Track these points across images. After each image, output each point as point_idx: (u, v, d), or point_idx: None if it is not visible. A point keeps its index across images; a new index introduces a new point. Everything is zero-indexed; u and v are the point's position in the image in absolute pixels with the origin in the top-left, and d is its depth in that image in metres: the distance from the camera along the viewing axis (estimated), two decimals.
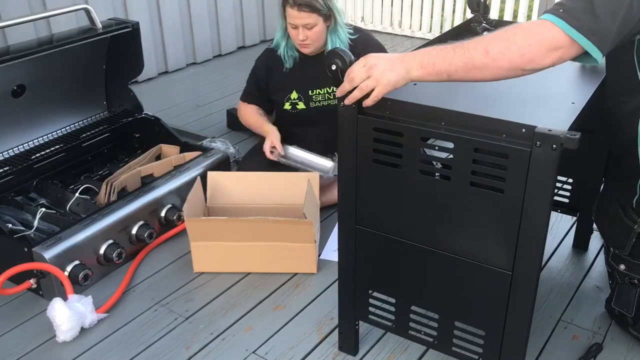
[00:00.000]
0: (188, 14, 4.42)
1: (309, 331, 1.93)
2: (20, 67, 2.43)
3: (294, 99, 2.52)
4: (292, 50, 2.48)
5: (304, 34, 2.32)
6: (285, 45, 2.47)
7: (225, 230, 2.11)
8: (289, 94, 2.52)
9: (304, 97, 2.51)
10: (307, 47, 2.38)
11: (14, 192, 2.45)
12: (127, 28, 2.66)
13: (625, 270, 1.76)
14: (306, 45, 2.37)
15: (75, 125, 2.79)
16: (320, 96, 2.51)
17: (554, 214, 2.26)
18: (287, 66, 2.48)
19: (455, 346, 1.56)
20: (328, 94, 2.49)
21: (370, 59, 1.36)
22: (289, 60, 2.48)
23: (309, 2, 2.26)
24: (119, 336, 1.92)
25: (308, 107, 2.53)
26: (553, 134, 1.20)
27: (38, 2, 3.55)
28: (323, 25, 2.34)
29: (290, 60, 2.47)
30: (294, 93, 2.51)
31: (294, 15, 2.29)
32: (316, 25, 2.30)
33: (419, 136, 1.38)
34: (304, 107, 2.53)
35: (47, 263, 1.96)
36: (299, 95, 2.51)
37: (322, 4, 2.28)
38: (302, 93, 2.51)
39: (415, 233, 1.49)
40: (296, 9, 2.27)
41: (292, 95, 2.51)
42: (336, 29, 2.39)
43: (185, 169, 2.51)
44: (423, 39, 5.01)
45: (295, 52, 2.48)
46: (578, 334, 1.89)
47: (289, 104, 2.53)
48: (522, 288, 1.37)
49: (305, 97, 2.52)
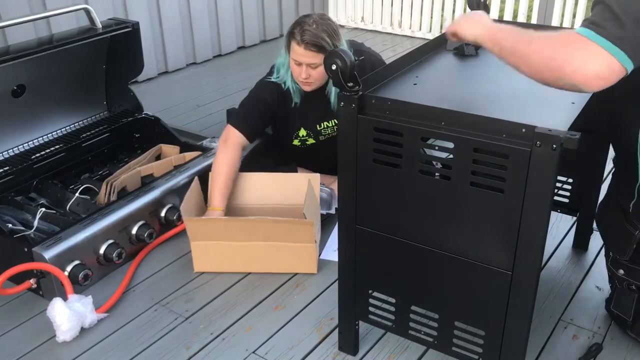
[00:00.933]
0: (188, 14, 4.42)
1: (309, 331, 1.93)
2: (20, 67, 2.43)
3: (303, 136, 2.44)
4: (296, 83, 2.34)
5: (307, 73, 2.22)
6: (291, 80, 2.33)
7: (225, 229, 2.11)
8: (297, 132, 2.43)
9: (312, 132, 2.44)
10: (309, 85, 2.29)
11: (14, 192, 2.45)
12: (127, 28, 2.66)
13: (624, 275, 1.76)
14: (308, 83, 2.27)
15: (75, 125, 2.79)
16: (329, 129, 2.45)
17: (554, 214, 2.26)
18: (295, 100, 2.35)
19: (455, 346, 1.56)
20: (336, 125, 2.40)
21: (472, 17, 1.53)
22: (296, 94, 2.34)
23: (317, 42, 2.15)
24: (119, 336, 1.92)
25: (317, 140, 2.46)
26: (553, 134, 1.20)
27: (38, 2, 3.55)
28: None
29: (297, 95, 2.35)
30: (302, 130, 2.43)
31: (300, 52, 2.18)
32: (321, 65, 2.13)
33: (419, 136, 1.38)
34: (313, 141, 2.46)
35: (47, 263, 1.96)
36: (307, 132, 2.44)
37: (330, 45, 2.16)
38: (310, 129, 2.43)
39: (415, 233, 1.49)
40: (303, 47, 2.17)
41: (300, 132, 2.43)
42: None
43: (185, 169, 2.51)
44: (423, 39, 5.01)
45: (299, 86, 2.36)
46: (578, 334, 1.89)
47: (298, 141, 2.46)
48: (522, 288, 1.37)
49: (315, 133, 2.44)
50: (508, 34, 1.35)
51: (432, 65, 1.77)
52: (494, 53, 1.38)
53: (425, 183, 1.42)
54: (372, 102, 1.43)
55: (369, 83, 1.55)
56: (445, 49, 1.88)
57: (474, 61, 1.80)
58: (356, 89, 1.43)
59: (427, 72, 1.72)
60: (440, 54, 1.85)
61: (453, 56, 1.84)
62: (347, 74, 1.40)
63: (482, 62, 1.80)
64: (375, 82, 1.59)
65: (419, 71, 1.72)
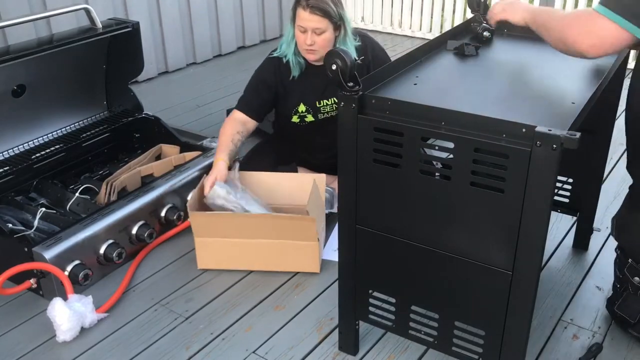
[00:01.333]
0: (188, 14, 4.42)
1: (309, 331, 1.93)
2: (20, 67, 2.43)
3: (302, 112, 2.45)
4: (299, 56, 2.39)
5: (312, 39, 2.26)
6: (292, 53, 2.38)
7: (228, 225, 2.11)
8: (297, 107, 2.45)
9: (312, 109, 2.45)
10: (313, 53, 2.31)
11: (14, 192, 2.45)
12: (127, 28, 2.66)
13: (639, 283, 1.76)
14: (312, 51, 2.30)
15: (75, 125, 2.79)
16: (328, 107, 2.46)
17: (554, 214, 2.26)
18: (294, 74, 2.39)
19: (455, 346, 1.56)
20: (336, 104, 2.42)
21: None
22: (295, 67, 2.39)
23: (323, 7, 2.22)
24: (119, 336, 1.92)
25: (317, 119, 2.47)
26: (553, 134, 1.20)
27: (38, 2, 3.55)
28: (332, 33, 2.28)
29: (297, 68, 2.39)
30: (301, 106, 2.44)
31: (305, 17, 2.23)
32: (325, 31, 2.25)
33: (419, 136, 1.38)
34: (312, 119, 2.47)
35: (47, 263, 1.96)
36: (307, 108, 2.44)
37: (334, 11, 2.24)
38: (310, 105, 2.44)
39: (415, 233, 1.49)
40: (308, 11, 2.22)
41: (300, 107, 2.44)
42: (345, 40, 2.34)
43: (185, 169, 2.51)
44: (423, 39, 5.01)
45: (302, 59, 2.40)
46: (578, 334, 1.89)
47: (297, 117, 2.47)
48: (522, 288, 1.37)
49: (314, 109, 2.45)
50: (543, 13, 1.64)
51: (432, 65, 1.77)
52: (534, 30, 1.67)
53: (426, 183, 1.42)
54: (372, 102, 1.43)
55: (369, 83, 1.55)
56: (445, 49, 1.88)
57: (474, 61, 1.80)
58: (356, 88, 1.43)
59: (427, 72, 1.72)
60: (440, 54, 1.85)
61: (453, 56, 1.84)
62: (347, 74, 1.40)
63: (482, 62, 1.80)
64: (375, 82, 1.59)
65: (419, 71, 1.72)
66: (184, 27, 4.41)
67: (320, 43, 2.27)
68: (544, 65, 1.74)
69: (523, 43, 1.92)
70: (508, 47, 1.93)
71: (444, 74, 1.74)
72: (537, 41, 1.69)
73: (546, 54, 1.75)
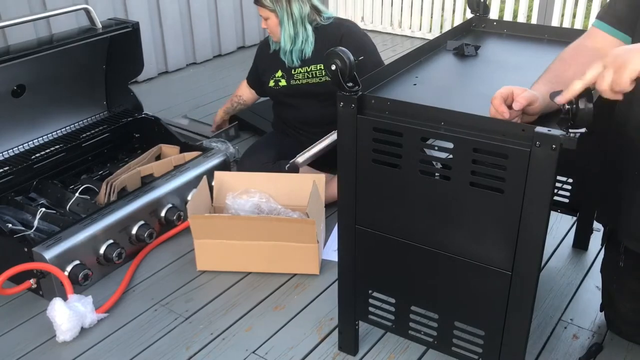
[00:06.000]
0: (188, 14, 4.42)
1: (309, 331, 1.93)
2: (20, 67, 2.43)
3: (278, 77, 2.69)
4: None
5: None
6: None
7: (228, 227, 2.11)
8: (275, 73, 2.70)
9: (286, 74, 2.67)
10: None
11: (14, 192, 2.45)
12: (127, 28, 2.66)
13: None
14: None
15: (75, 125, 2.79)
16: (300, 75, 2.63)
17: (554, 214, 2.26)
18: (272, 47, 2.72)
19: (455, 346, 1.56)
20: (308, 73, 2.62)
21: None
22: (274, 44, 2.71)
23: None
24: (119, 336, 1.93)
25: (289, 84, 2.66)
26: (553, 134, 1.20)
27: (38, 2, 3.55)
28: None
29: (274, 44, 2.71)
30: (279, 72, 2.69)
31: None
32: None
33: (418, 136, 1.38)
34: (285, 84, 2.68)
35: (47, 263, 1.96)
36: (282, 74, 2.68)
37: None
38: (286, 71, 2.67)
39: (415, 233, 1.49)
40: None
41: (277, 73, 2.70)
42: (288, 24, 2.58)
43: (185, 169, 2.51)
44: (423, 39, 5.01)
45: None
46: (578, 334, 1.89)
47: (273, 81, 2.70)
48: (522, 288, 1.37)
49: (288, 75, 2.67)
50: None
51: (432, 65, 1.77)
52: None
53: (425, 183, 1.42)
54: (372, 102, 1.43)
55: (368, 83, 1.55)
56: (445, 49, 1.89)
57: (474, 61, 1.80)
58: (356, 89, 1.43)
59: (427, 72, 1.72)
60: (440, 54, 1.85)
61: (453, 56, 1.84)
62: (346, 74, 1.40)
63: (482, 62, 1.80)
64: (374, 82, 1.59)
65: (419, 71, 1.72)
66: (184, 27, 4.41)
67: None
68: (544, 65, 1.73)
69: (523, 43, 1.92)
70: (508, 47, 1.93)
71: (444, 74, 1.74)
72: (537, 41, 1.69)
73: (546, 54, 1.75)
